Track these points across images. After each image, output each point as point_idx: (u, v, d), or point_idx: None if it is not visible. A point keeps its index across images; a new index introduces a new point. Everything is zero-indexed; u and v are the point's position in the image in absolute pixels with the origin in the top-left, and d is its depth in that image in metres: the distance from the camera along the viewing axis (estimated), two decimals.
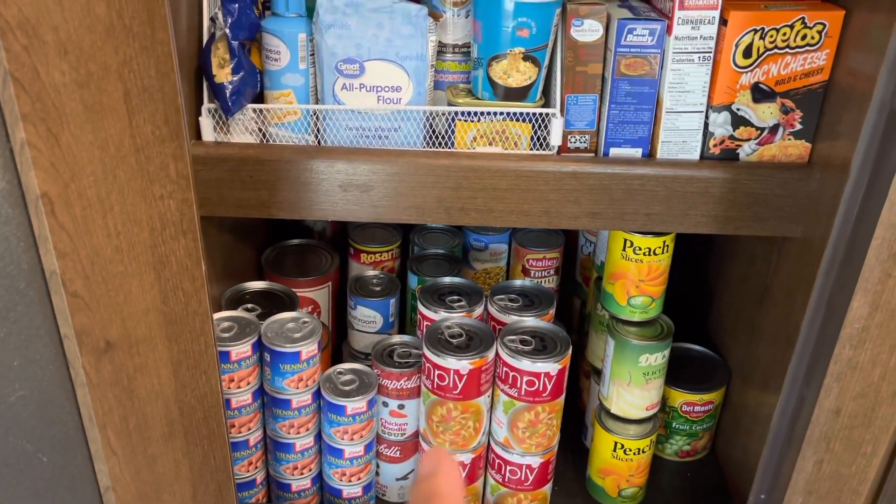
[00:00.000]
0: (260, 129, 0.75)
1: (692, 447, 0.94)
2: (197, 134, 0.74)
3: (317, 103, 0.75)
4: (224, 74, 0.72)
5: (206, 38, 0.72)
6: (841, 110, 0.67)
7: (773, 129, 0.72)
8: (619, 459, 0.85)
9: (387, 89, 0.73)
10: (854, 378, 0.62)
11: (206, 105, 0.73)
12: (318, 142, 0.75)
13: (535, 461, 0.81)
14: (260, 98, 0.76)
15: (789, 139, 0.72)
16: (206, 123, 0.74)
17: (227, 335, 0.77)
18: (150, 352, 0.54)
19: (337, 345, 1.01)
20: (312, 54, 0.74)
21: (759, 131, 0.72)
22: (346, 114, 0.73)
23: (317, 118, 0.74)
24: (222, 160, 0.72)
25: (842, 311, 0.59)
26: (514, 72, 0.72)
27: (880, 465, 0.67)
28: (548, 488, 0.85)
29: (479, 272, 1.02)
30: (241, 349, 0.76)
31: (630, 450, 0.85)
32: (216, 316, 0.79)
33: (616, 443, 0.85)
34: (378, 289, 0.93)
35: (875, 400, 0.63)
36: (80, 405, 0.52)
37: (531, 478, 0.82)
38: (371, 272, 0.96)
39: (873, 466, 0.66)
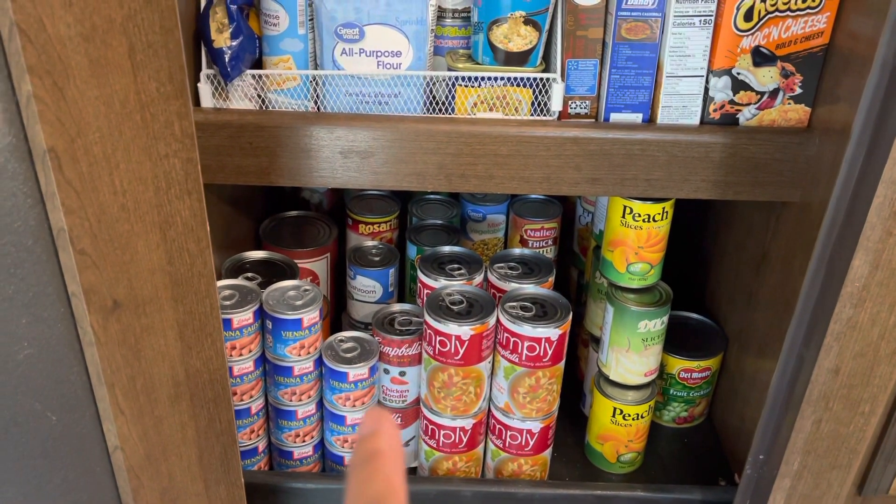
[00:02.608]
0: (259, 96, 0.74)
1: (689, 413, 0.95)
2: (196, 100, 0.74)
3: (316, 69, 0.75)
4: (223, 39, 0.71)
5: (204, 2, 0.72)
6: (841, 74, 0.68)
7: (773, 94, 0.72)
8: (617, 425, 0.86)
9: (387, 54, 0.73)
10: (853, 337, 0.63)
11: (205, 71, 0.73)
12: (318, 108, 0.75)
13: (536, 426, 0.82)
14: (259, 64, 0.75)
15: (789, 103, 0.72)
16: (205, 89, 0.73)
17: (228, 303, 0.77)
18: (156, 312, 0.54)
19: (336, 315, 1.01)
20: (311, 19, 0.73)
21: (759, 96, 0.72)
22: (345, 79, 0.73)
23: (316, 84, 0.74)
24: (221, 127, 0.71)
25: (842, 271, 0.60)
26: (515, 36, 0.72)
27: (878, 423, 0.68)
28: (548, 453, 0.86)
29: (478, 243, 1.02)
30: (243, 317, 0.76)
31: (629, 415, 0.86)
32: (218, 284, 0.79)
33: (615, 408, 0.86)
34: (377, 259, 0.93)
35: (874, 359, 0.64)
36: (89, 364, 0.52)
37: (531, 443, 0.83)
38: (370, 242, 0.96)
39: (871, 425, 0.68)
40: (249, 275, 0.84)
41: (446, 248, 0.89)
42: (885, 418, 0.70)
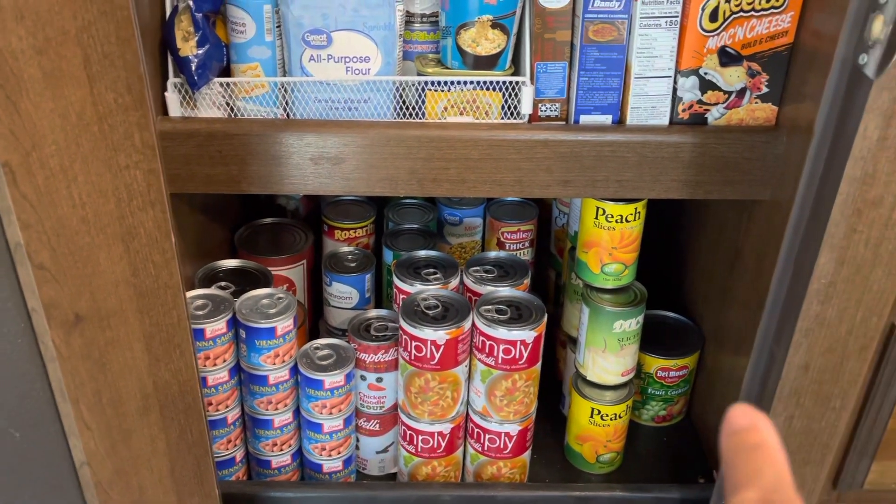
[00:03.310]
0: (228, 104, 0.74)
1: (668, 412, 0.95)
2: (164, 109, 0.73)
3: (284, 76, 0.74)
4: (189, 48, 0.71)
5: (168, 10, 0.71)
6: (806, 72, 0.68)
7: (741, 93, 0.72)
8: (596, 425, 0.87)
9: (355, 60, 0.73)
10: (822, 333, 0.63)
11: (172, 79, 0.72)
12: (287, 115, 0.75)
13: (514, 429, 0.82)
14: (227, 72, 0.75)
15: (756, 102, 0.73)
16: (173, 98, 0.73)
17: (201, 313, 0.76)
18: (121, 325, 0.54)
19: (313, 322, 1.01)
20: (279, 26, 0.73)
21: (726, 95, 0.72)
22: (314, 86, 0.73)
23: (285, 91, 0.74)
24: (190, 135, 0.71)
25: (809, 268, 0.60)
26: (483, 40, 0.72)
27: (850, 418, 0.69)
28: (527, 456, 0.86)
29: (455, 247, 1.02)
30: (216, 326, 0.76)
31: (607, 415, 0.86)
32: (190, 294, 0.79)
33: (593, 409, 0.86)
34: (353, 265, 0.93)
35: (843, 354, 0.64)
36: (52, 379, 0.52)
37: (510, 445, 0.83)
38: (346, 248, 0.96)
39: (842, 420, 0.68)
40: (223, 284, 0.84)
41: (422, 253, 0.89)
42: (857, 413, 0.71)
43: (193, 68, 0.71)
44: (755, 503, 0.27)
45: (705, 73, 0.71)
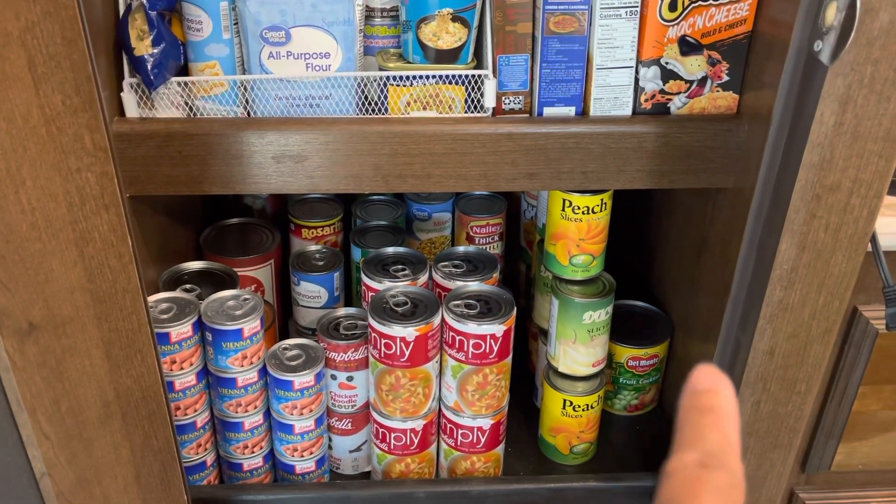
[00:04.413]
0: (186, 103, 0.73)
1: (640, 401, 0.96)
2: (121, 111, 0.72)
3: (244, 74, 0.73)
4: (144, 47, 0.69)
5: (122, 8, 0.70)
6: (765, 60, 0.69)
7: (702, 82, 0.73)
8: (568, 417, 0.87)
9: (315, 56, 0.72)
10: (786, 319, 0.64)
11: (128, 79, 0.71)
12: (248, 113, 0.73)
13: (486, 423, 0.82)
14: (185, 71, 0.74)
15: (717, 91, 0.73)
16: (129, 99, 0.71)
17: (165, 316, 0.75)
18: (78, 332, 0.53)
19: (283, 322, 1.00)
20: (236, 23, 0.72)
21: (688, 84, 0.73)
22: (274, 83, 0.72)
23: (245, 89, 0.73)
24: (148, 136, 0.70)
25: (771, 254, 0.61)
26: (444, 33, 0.72)
27: (815, 402, 0.70)
28: (500, 449, 0.86)
29: (424, 242, 1.01)
30: (182, 330, 0.75)
31: (579, 406, 0.86)
32: (153, 297, 0.77)
33: (565, 400, 0.86)
34: (321, 263, 0.92)
35: (806, 339, 0.65)
36: (7, 390, 0.51)
37: (483, 440, 0.83)
38: (313, 247, 0.95)
39: (808, 404, 0.69)
40: (188, 286, 0.83)
41: (390, 250, 0.88)
42: (823, 396, 0.72)
43: (149, 68, 0.69)
44: (693, 465, 0.27)
45: (666, 63, 0.72)
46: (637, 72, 0.72)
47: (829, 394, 0.76)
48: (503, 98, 0.73)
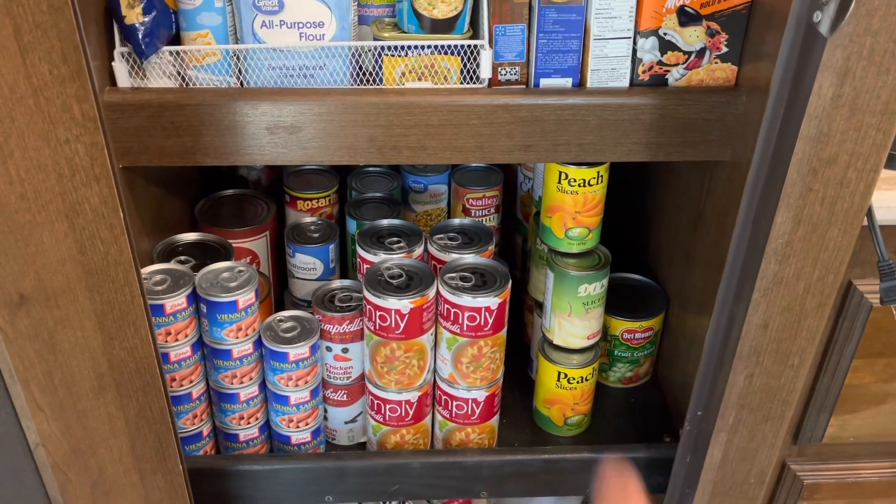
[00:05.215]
0: (179, 73, 0.72)
1: (634, 373, 0.96)
2: (112, 80, 0.71)
3: (237, 43, 0.72)
4: (135, 15, 0.68)
5: None
6: (764, 31, 0.68)
7: (700, 53, 0.72)
8: (563, 389, 0.87)
9: (309, 25, 0.71)
10: (780, 292, 0.64)
11: (119, 49, 0.70)
12: (241, 83, 0.73)
13: (481, 395, 0.82)
14: (177, 40, 0.73)
15: (716, 62, 0.72)
16: (120, 68, 0.70)
17: (159, 288, 0.75)
18: (70, 304, 0.53)
19: (279, 294, 1.00)
20: None
21: (686, 55, 0.72)
22: (267, 53, 0.71)
23: (237, 59, 0.72)
24: (140, 107, 0.69)
25: (766, 228, 0.61)
26: (440, 2, 0.70)
27: (808, 375, 0.70)
28: (495, 421, 0.86)
29: (420, 214, 1.01)
30: (176, 301, 0.75)
31: (573, 378, 0.86)
32: (147, 269, 0.77)
33: (559, 372, 0.86)
34: (316, 235, 0.92)
35: (800, 313, 0.65)
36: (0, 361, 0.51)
37: (478, 411, 0.83)
38: (308, 219, 0.94)
39: (801, 377, 0.69)
40: (182, 258, 0.82)
41: (385, 222, 0.88)
42: (816, 370, 0.72)
43: (140, 36, 0.68)
44: None
45: (665, 34, 0.71)
46: (635, 43, 0.71)
47: (823, 367, 0.77)
48: (499, 69, 0.72)
